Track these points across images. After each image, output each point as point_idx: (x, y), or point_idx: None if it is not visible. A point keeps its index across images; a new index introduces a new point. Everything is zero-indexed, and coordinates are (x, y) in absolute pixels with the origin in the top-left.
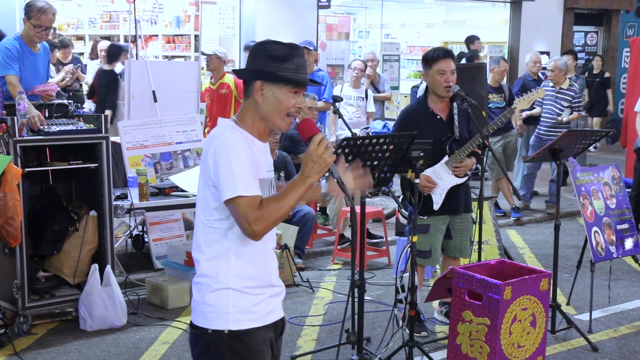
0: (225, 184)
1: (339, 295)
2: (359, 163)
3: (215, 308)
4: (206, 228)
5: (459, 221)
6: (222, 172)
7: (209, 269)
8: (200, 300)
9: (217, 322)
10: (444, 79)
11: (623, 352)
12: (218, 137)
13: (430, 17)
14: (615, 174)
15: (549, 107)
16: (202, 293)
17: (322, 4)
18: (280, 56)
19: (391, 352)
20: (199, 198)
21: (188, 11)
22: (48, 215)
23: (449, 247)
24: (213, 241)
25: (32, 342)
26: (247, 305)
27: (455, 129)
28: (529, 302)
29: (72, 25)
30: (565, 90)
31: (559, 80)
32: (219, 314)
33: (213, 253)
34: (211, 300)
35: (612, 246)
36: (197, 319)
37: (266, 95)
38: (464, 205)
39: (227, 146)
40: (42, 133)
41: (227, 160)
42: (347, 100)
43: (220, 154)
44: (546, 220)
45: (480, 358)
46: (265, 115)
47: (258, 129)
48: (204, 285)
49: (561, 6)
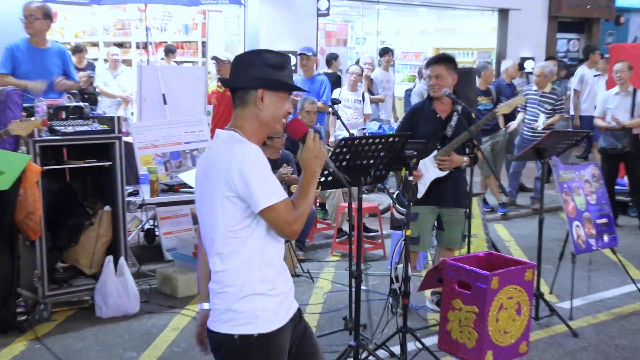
0: (260, 194)
1: (337, 285)
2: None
3: (244, 314)
4: (227, 239)
5: (449, 214)
6: (254, 183)
7: (234, 278)
8: (224, 308)
9: (246, 327)
10: (429, 82)
11: (601, 338)
12: (237, 151)
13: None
14: (595, 172)
15: (533, 110)
16: (227, 301)
17: (321, 12)
18: (278, 64)
19: (386, 338)
20: (213, 211)
21: (196, 19)
22: (65, 210)
23: (441, 238)
24: (235, 251)
25: (51, 328)
26: (273, 306)
27: (449, 128)
28: (515, 291)
29: (87, 32)
30: (547, 94)
31: (543, 85)
32: (248, 320)
33: (237, 262)
34: (239, 307)
35: (592, 239)
36: (221, 326)
37: (266, 102)
38: (453, 199)
39: (252, 157)
40: (59, 133)
41: (257, 171)
42: (345, 103)
43: (247, 167)
44: (531, 215)
45: (469, 343)
46: (267, 121)
47: (258, 136)
48: (230, 294)
49: (545, 15)
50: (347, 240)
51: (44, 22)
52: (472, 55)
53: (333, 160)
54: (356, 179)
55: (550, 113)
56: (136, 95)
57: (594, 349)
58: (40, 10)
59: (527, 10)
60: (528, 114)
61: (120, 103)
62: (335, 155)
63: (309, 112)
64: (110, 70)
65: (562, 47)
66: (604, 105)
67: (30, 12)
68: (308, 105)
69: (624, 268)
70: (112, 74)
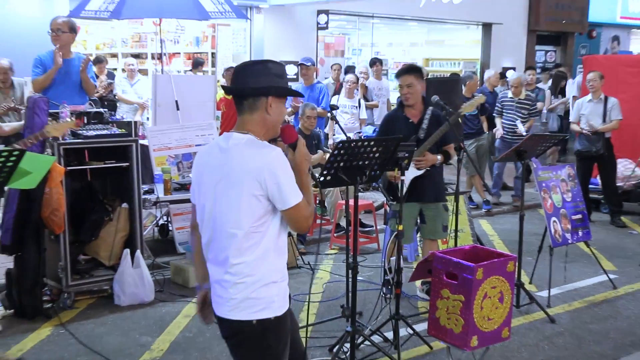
0: (289, 193)
1: (335, 276)
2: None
3: (263, 300)
4: (249, 234)
5: (430, 208)
6: (285, 183)
7: (254, 269)
8: (243, 297)
9: (264, 312)
10: (401, 92)
11: (575, 323)
12: (268, 154)
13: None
14: (570, 172)
15: (511, 116)
16: (246, 291)
17: (320, 26)
18: (280, 73)
19: (380, 324)
20: (236, 208)
21: (206, 32)
22: (87, 207)
23: (424, 230)
24: (255, 244)
25: (74, 315)
26: (283, 291)
27: (421, 131)
28: (498, 281)
29: (107, 44)
30: (523, 100)
31: (519, 93)
32: (266, 305)
33: (256, 255)
34: (259, 295)
35: (568, 233)
36: (239, 313)
37: (274, 107)
38: (432, 194)
39: (282, 161)
40: (81, 137)
41: (286, 172)
42: (343, 109)
43: (279, 169)
44: (512, 211)
45: (456, 329)
46: (273, 125)
47: (266, 138)
48: (248, 283)
49: (525, 29)
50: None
51: (69, 35)
52: (459, 65)
53: (332, 161)
54: (353, 178)
55: (526, 117)
56: (151, 102)
57: (569, 333)
58: (66, 25)
59: (509, 25)
60: (506, 118)
61: (137, 109)
62: (334, 157)
63: (309, 117)
64: (127, 79)
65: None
66: (578, 112)
67: (58, 26)
68: (308, 111)
69: (596, 260)
70: (130, 82)
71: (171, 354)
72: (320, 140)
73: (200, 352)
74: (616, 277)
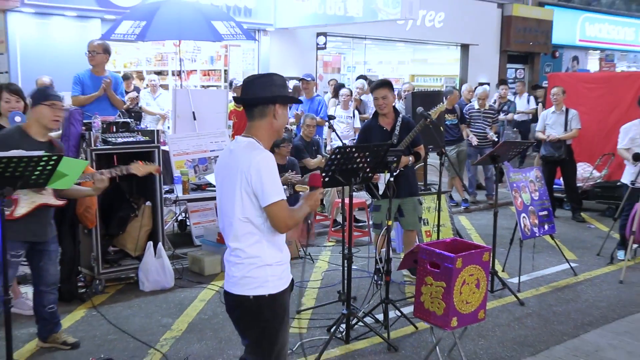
0: (270, 191)
1: (332, 265)
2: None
3: (258, 279)
4: (242, 224)
5: (406, 203)
6: (267, 182)
7: (252, 252)
8: (242, 275)
9: (259, 289)
10: (377, 104)
11: (541, 305)
12: (256, 155)
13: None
14: (537, 174)
15: (479, 124)
16: (245, 270)
17: (319, 46)
18: (284, 84)
19: (372, 307)
20: (232, 200)
21: (219, 52)
22: (115, 205)
23: (403, 222)
24: (250, 232)
25: (105, 299)
26: (278, 273)
27: (394, 137)
28: (475, 269)
29: (133, 63)
30: (487, 110)
31: (484, 104)
32: (261, 283)
33: (252, 241)
34: (255, 274)
35: (535, 227)
36: (239, 289)
37: (279, 114)
38: (407, 190)
39: (267, 161)
40: (110, 143)
41: (270, 173)
42: (339, 119)
43: (264, 168)
44: (487, 208)
45: (438, 311)
46: (278, 130)
47: (271, 140)
48: (247, 264)
49: (497, 49)
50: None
51: (103, 56)
52: (440, 81)
53: (329, 165)
54: (348, 179)
55: (490, 124)
56: (171, 113)
57: (536, 314)
58: (101, 47)
59: (483, 46)
60: (474, 127)
61: (159, 119)
62: (331, 161)
63: (309, 126)
64: (150, 93)
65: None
66: (543, 122)
67: (93, 48)
68: (309, 120)
69: (560, 250)
70: (152, 96)
71: (189, 333)
72: (320, 146)
73: (214, 332)
74: (577, 265)
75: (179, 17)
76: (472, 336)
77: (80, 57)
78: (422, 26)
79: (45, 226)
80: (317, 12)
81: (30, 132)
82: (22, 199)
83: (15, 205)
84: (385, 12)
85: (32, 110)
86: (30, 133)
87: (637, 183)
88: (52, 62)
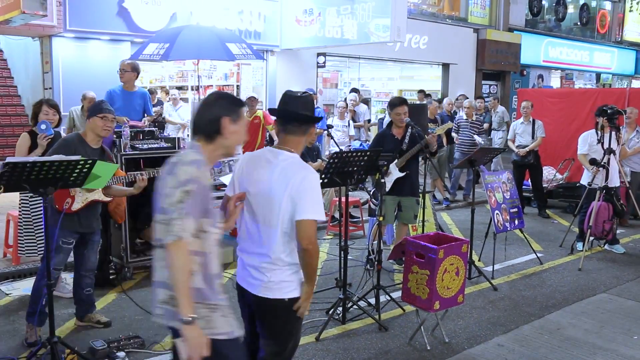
0: (311, 207)
1: (331, 256)
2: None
3: (293, 283)
4: (284, 234)
5: (405, 200)
6: (310, 197)
7: (291, 259)
8: (279, 280)
9: (295, 292)
10: (399, 118)
11: (512, 290)
12: (310, 173)
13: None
14: (509, 176)
15: (466, 133)
16: (282, 275)
17: (319, 65)
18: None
19: (365, 293)
20: (279, 210)
21: (232, 70)
22: (142, 203)
23: (400, 216)
24: (289, 242)
25: (133, 284)
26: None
27: (404, 145)
28: (455, 259)
29: (158, 79)
30: (474, 121)
31: (471, 115)
32: (295, 286)
33: (290, 249)
34: (291, 278)
35: (507, 223)
36: (275, 293)
37: (311, 133)
38: (408, 190)
39: (318, 182)
40: (138, 149)
41: (319, 193)
42: (336, 128)
43: (315, 187)
44: (466, 206)
45: (423, 296)
46: (304, 145)
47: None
48: (285, 270)
49: (474, 68)
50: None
51: (132, 74)
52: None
53: (328, 168)
54: (344, 180)
55: (477, 133)
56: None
57: (507, 298)
58: (131, 66)
59: (462, 65)
60: (462, 135)
61: (180, 128)
62: (329, 164)
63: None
64: (172, 106)
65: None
66: (514, 131)
67: (124, 67)
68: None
69: (528, 243)
70: (174, 108)
71: None
72: (320, 151)
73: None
74: (542, 255)
75: (198, 39)
76: (452, 317)
77: (113, 75)
78: (408, 47)
79: (94, 220)
80: (317, 35)
81: (87, 139)
82: (77, 196)
83: (72, 201)
84: (377, 35)
85: (88, 121)
86: (86, 140)
87: (593, 184)
88: (88, 79)
